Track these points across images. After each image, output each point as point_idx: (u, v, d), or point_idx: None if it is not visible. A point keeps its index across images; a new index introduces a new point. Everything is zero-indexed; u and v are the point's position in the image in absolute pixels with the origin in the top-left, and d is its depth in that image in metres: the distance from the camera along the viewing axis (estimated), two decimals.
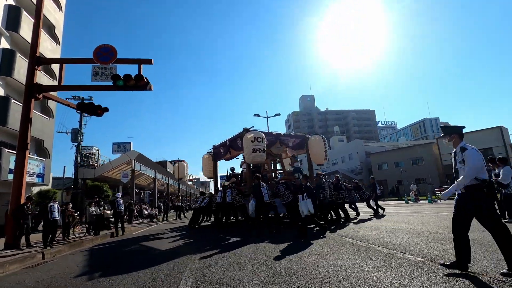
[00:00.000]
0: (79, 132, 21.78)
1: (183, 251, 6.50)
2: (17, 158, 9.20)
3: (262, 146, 10.78)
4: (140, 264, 5.30)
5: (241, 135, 11.78)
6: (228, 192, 11.16)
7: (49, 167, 17.60)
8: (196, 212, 13.16)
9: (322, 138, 13.24)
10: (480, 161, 3.42)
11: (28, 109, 9.52)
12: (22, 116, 9.44)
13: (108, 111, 11.36)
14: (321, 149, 12.95)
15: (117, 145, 37.22)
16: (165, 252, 6.60)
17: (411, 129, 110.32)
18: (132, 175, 21.80)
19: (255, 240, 7.06)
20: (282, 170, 15.46)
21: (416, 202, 21.92)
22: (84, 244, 8.84)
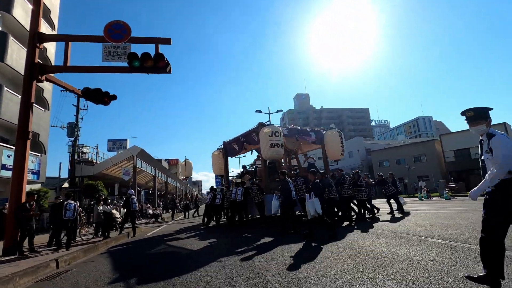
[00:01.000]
0: (76, 127, 20.29)
1: (216, 252, 6.07)
2: (16, 149, 7.89)
3: (280, 141, 10.13)
4: (179, 267, 4.86)
5: (257, 129, 11.20)
6: (239, 190, 10.51)
7: (44, 163, 16.12)
8: (209, 209, 12.53)
9: (338, 133, 12.57)
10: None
11: (29, 92, 8.23)
12: (23, 100, 8.14)
13: (116, 98, 10.24)
14: (337, 144, 12.31)
15: (112, 142, 35.44)
16: (198, 253, 6.13)
17: (404, 128, 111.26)
18: (134, 172, 20.45)
19: (287, 240, 6.50)
20: (297, 166, 14.78)
21: (429, 199, 21.32)
22: (99, 247, 7.61)
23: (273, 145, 10.04)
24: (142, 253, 6.77)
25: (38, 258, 6.61)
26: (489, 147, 2.90)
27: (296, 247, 5.60)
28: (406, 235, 5.94)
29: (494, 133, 2.93)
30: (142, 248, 7.60)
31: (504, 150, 2.72)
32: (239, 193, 10.51)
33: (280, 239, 6.86)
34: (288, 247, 5.66)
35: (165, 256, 6.21)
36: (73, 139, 20.15)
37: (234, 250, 5.94)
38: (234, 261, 4.85)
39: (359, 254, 4.59)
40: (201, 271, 4.35)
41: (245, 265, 4.48)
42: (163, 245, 7.81)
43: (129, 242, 9.07)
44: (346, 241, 5.91)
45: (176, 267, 4.82)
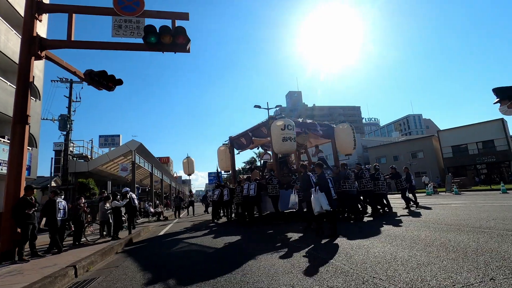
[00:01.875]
0: (68, 119, 18.84)
1: (248, 251, 5.35)
2: (13, 136, 6.72)
3: (293, 135, 9.78)
4: (219, 267, 4.32)
5: (266, 123, 10.90)
6: (252, 185, 9.87)
7: (36, 157, 14.72)
8: (217, 206, 12.31)
9: (350, 126, 12.14)
10: None
11: (26, 70, 7.06)
12: (20, 79, 6.95)
13: (122, 83, 9.22)
14: (349, 138, 11.86)
15: (104, 138, 33.61)
16: (227, 251, 5.59)
17: (394, 126, 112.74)
18: (133, 168, 19.15)
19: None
20: (308, 160, 14.12)
21: (436, 194, 20.94)
22: (114, 249, 6.54)
23: (285, 138, 9.62)
24: (166, 254, 5.81)
25: (43, 263, 5.52)
26: None
27: (351, 244, 4.93)
28: (463, 227, 5.61)
29: None
30: (162, 248, 6.60)
31: None
32: (251, 188, 9.82)
33: (310, 234, 6.38)
34: (346, 243, 4.96)
35: (191, 255, 5.53)
36: (66, 132, 18.74)
37: (267, 247, 5.36)
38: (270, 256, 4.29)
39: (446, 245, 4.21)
40: (244, 269, 3.95)
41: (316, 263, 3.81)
42: (182, 243, 6.96)
43: (143, 241, 8.02)
44: (405, 233, 5.51)
45: (215, 267, 4.34)
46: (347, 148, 12.07)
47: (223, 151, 14.64)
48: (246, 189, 10.14)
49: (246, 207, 10.45)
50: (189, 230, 9.88)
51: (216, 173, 36.96)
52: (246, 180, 10.81)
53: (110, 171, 21.88)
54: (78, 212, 7.98)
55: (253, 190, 9.76)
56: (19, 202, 6.00)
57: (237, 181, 13.08)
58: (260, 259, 4.42)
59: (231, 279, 3.56)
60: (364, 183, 8.87)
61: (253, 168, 14.31)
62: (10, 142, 6.75)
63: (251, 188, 9.83)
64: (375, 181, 9.12)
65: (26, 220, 5.92)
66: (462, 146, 35.84)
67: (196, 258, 5.14)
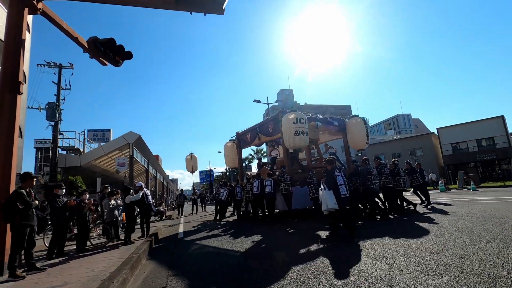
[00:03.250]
0: (57, 108, 16.82)
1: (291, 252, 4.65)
2: (0, 108, 5.05)
3: (306, 128, 9.32)
4: (274, 272, 3.56)
5: (276, 117, 10.44)
6: (267, 181, 9.24)
7: (21, 149, 12.76)
8: (223, 205, 11.94)
9: (362, 120, 11.67)
10: None
11: (18, 22, 5.40)
12: (9, 34, 5.29)
13: (132, 57, 7.73)
14: (362, 132, 11.43)
15: (93, 133, 31.36)
16: (263, 253, 4.89)
17: (384, 125, 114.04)
18: (131, 163, 17.33)
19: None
20: (318, 156, 14.16)
21: (448, 191, 20.21)
22: (140, 257, 4.96)
23: (298, 132, 9.09)
24: (215, 266, 4.32)
25: (46, 281, 3.93)
26: None
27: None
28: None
29: None
30: (201, 255, 5.11)
31: None
32: (267, 185, 9.17)
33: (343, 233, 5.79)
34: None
35: (228, 259, 4.60)
36: (54, 123, 16.70)
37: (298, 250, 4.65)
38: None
39: None
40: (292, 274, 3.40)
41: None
42: (216, 249, 5.45)
43: (164, 245, 6.47)
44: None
45: (261, 273, 3.56)
46: (360, 143, 11.59)
47: (230, 147, 14.20)
48: (257, 186, 9.62)
49: (260, 204, 9.99)
50: (206, 230, 8.41)
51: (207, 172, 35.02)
52: (256, 177, 10.15)
53: (104, 166, 19.92)
54: (83, 211, 6.36)
55: (269, 186, 9.14)
56: (11, 197, 4.36)
57: (246, 178, 12.83)
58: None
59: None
60: (384, 179, 8.28)
61: (262, 165, 13.31)
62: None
63: (267, 184, 9.20)
64: (395, 177, 8.56)
65: (21, 222, 4.29)
66: (462, 144, 35.70)
67: (232, 262, 4.15)
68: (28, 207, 4.39)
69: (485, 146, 33.99)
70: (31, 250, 4.57)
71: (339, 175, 5.95)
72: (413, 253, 3.89)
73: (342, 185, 5.84)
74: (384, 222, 7.01)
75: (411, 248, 4.13)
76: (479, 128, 33.97)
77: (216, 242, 6.21)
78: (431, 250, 3.96)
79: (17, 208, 4.28)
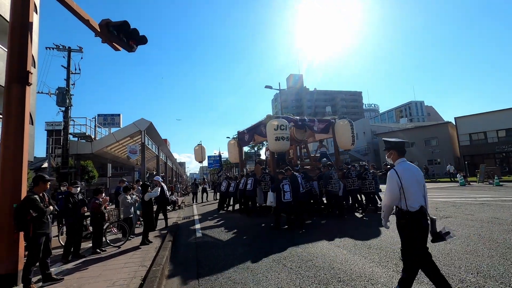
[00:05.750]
0: (67, 93, 16.37)
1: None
2: (8, 101, 4.53)
3: (286, 134, 10.30)
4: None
5: (265, 122, 11.14)
6: (249, 180, 10.33)
7: (32, 136, 12.45)
8: (223, 197, 12.74)
9: (349, 122, 12.20)
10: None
11: (25, 3, 4.79)
12: (15, 16, 4.70)
13: (146, 42, 7.11)
14: (348, 133, 11.94)
15: (103, 117, 31.03)
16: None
17: (395, 112, 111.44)
18: (142, 151, 16.97)
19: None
20: (307, 155, 15.04)
21: (468, 185, 19.39)
22: (165, 268, 4.54)
23: (278, 138, 10.11)
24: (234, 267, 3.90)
25: None
26: None
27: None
28: None
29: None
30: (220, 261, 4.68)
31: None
32: (249, 183, 10.25)
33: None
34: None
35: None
36: (65, 108, 16.32)
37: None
38: None
39: None
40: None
41: None
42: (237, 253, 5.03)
43: (181, 250, 6.08)
44: None
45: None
46: (346, 143, 12.12)
47: (233, 145, 15.38)
48: (243, 183, 10.64)
49: (242, 200, 11.00)
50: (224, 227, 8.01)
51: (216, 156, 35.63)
52: (245, 175, 11.27)
53: (114, 153, 19.67)
54: (99, 210, 5.96)
55: (250, 185, 10.19)
56: (23, 204, 3.91)
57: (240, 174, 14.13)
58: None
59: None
60: (351, 182, 9.27)
61: (257, 162, 14.44)
62: (3, 111, 4.55)
63: (249, 182, 10.26)
64: (362, 180, 9.48)
65: (35, 231, 3.87)
66: (480, 134, 34.37)
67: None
68: (42, 214, 3.96)
69: (506, 137, 32.62)
70: (47, 260, 4.18)
71: (286, 185, 7.39)
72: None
73: (287, 192, 7.31)
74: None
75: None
76: (500, 118, 32.50)
77: (243, 248, 5.77)
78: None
79: (30, 216, 3.85)
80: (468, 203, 9.83)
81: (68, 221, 5.53)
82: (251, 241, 6.23)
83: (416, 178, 2.83)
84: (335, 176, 8.74)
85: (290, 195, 7.31)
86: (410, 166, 2.93)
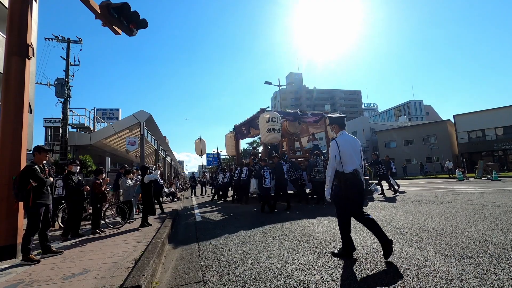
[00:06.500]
0: (67, 84, 16.31)
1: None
2: (7, 73, 4.50)
3: (277, 126, 10.68)
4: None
5: (258, 115, 11.49)
6: (243, 169, 10.70)
7: (31, 125, 12.36)
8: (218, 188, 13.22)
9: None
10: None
11: None
12: None
13: (147, 26, 7.09)
14: None
15: (102, 112, 30.94)
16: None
17: (394, 111, 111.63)
18: (141, 143, 16.92)
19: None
20: (300, 148, 15.44)
21: (466, 180, 19.46)
22: (165, 243, 4.51)
23: (269, 130, 10.49)
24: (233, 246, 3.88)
25: (62, 266, 3.51)
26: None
27: None
28: None
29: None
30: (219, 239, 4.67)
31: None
32: (243, 172, 10.63)
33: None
34: None
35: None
36: (64, 99, 16.25)
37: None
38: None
39: None
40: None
41: None
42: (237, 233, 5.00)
43: (181, 230, 6.05)
44: None
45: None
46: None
47: (230, 138, 15.90)
48: (237, 174, 11.14)
49: (237, 189, 11.47)
50: (222, 213, 8.01)
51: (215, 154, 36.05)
52: (239, 165, 11.79)
53: (113, 145, 19.60)
54: (100, 190, 5.93)
55: (244, 174, 10.55)
56: (23, 173, 3.88)
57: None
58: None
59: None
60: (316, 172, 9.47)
61: (251, 154, 14.96)
62: (2, 83, 4.50)
63: (243, 172, 10.65)
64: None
65: (35, 200, 3.83)
66: (479, 132, 34.48)
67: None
68: (42, 184, 3.92)
69: (504, 135, 32.72)
70: (47, 231, 4.14)
71: (267, 171, 8.08)
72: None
73: (267, 179, 8.00)
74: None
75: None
76: (499, 116, 32.60)
77: (241, 228, 5.75)
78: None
79: (30, 186, 3.82)
80: (468, 192, 9.87)
81: (72, 198, 5.48)
82: (249, 223, 6.22)
83: (353, 147, 3.32)
84: (320, 164, 9.20)
85: (270, 181, 8.00)
86: (348, 137, 3.41)
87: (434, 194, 9.55)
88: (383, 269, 2.85)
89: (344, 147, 3.28)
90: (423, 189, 12.38)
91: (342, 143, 3.31)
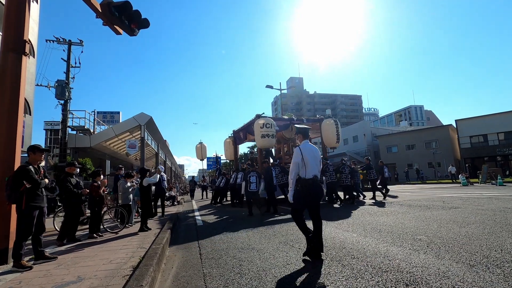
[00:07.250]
0: (67, 86, 16.16)
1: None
2: (3, 65, 4.31)
3: (271, 132, 10.88)
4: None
5: (254, 121, 11.69)
6: (239, 174, 11.02)
7: (30, 126, 12.19)
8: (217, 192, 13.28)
9: (334, 122, 12.76)
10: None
11: None
12: None
13: (148, 26, 6.96)
14: (332, 132, 12.54)
15: (102, 115, 30.77)
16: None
17: (395, 116, 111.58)
18: (142, 146, 16.72)
19: None
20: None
21: (470, 185, 19.17)
22: (164, 248, 4.28)
23: (264, 135, 10.69)
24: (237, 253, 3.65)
25: (56, 273, 3.28)
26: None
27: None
28: None
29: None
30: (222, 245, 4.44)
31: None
32: (239, 177, 10.84)
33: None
34: None
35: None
36: (64, 101, 16.09)
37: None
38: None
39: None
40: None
41: None
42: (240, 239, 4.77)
43: (182, 234, 5.82)
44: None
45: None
46: (331, 141, 12.65)
47: (229, 143, 16.20)
48: (233, 178, 11.51)
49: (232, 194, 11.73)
50: (226, 217, 7.78)
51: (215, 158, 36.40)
52: (235, 170, 12.27)
53: (113, 148, 19.41)
54: (98, 193, 5.72)
55: (240, 179, 10.77)
56: (16, 174, 3.67)
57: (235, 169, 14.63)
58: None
59: None
60: (328, 175, 10.01)
61: (249, 159, 15.32)
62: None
63: (238, 177, 10.92)
64: (340, 174, 10.50)
65: (28, 203, 3.62)
66: (481, 137, 34.25)
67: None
68: (36, 186, 3.71)
69: (506, 140, 32.49)
70: (40, 236, 3.92)
71: (253, 176, 8.37)
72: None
73: (253, 183, 8.31)
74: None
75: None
76: (500, 121, 32.40)
77: (245, 233, 5.52)
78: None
79: (24, 187, 3.61)
80: (475, 197, 9.62)
81: (71, 201, 5.26)
82: (252, 228, 5.98)
83: (314, 155, 3.64)
84: (331, 169, 9.32)
85: (256, 186, 8.29)
86: (310, 146, 3.75)
87: (441, 199, 9.31)
88: (400, 278, 2.61)
89: (307, 154, 3.59)
90: (428, 195, 12.12)
91: (305, 151, 3.61)
